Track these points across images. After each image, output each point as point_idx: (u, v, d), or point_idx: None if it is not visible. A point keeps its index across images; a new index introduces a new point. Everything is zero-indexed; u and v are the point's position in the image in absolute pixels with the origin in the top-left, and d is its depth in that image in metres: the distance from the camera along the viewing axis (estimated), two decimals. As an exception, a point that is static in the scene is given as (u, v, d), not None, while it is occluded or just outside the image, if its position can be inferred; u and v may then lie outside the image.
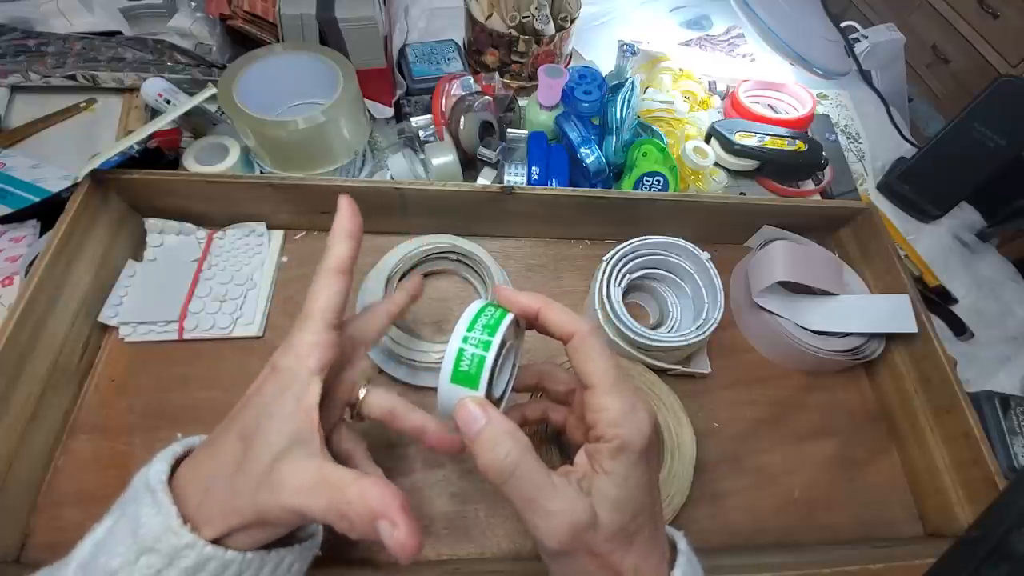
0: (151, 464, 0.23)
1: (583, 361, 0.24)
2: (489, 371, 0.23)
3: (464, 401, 0.23)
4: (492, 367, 0.23)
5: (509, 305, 0.26)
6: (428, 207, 0.48)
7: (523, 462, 0.21)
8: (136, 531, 0.21)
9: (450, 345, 0.24)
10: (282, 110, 0.56)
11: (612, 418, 0.23)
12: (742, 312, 0.51)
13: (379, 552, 0.36)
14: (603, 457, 0.23)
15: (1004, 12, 1.34)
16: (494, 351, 0.23)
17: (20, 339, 0.36)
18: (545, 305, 0.26)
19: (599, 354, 0.24)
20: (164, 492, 0.22)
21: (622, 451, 0.22)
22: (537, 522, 0.21)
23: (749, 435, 0.45)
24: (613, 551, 0.22)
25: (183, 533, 0.21)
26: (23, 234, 0.46)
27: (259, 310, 0.45)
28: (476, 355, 0.23)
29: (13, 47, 0.59)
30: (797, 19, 0.75)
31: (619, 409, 0.23)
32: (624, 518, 0.22)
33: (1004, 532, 0.31)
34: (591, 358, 0.24)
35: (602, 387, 0.23)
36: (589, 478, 0.23)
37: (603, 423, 0.23)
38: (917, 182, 0.66)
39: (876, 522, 0.43)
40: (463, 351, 0.24)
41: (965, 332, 0.58)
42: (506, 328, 0.24)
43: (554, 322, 0.25)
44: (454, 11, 0.69)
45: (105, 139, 0.56)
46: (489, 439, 0.22)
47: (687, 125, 0.66)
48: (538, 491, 0.21)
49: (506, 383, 0.27)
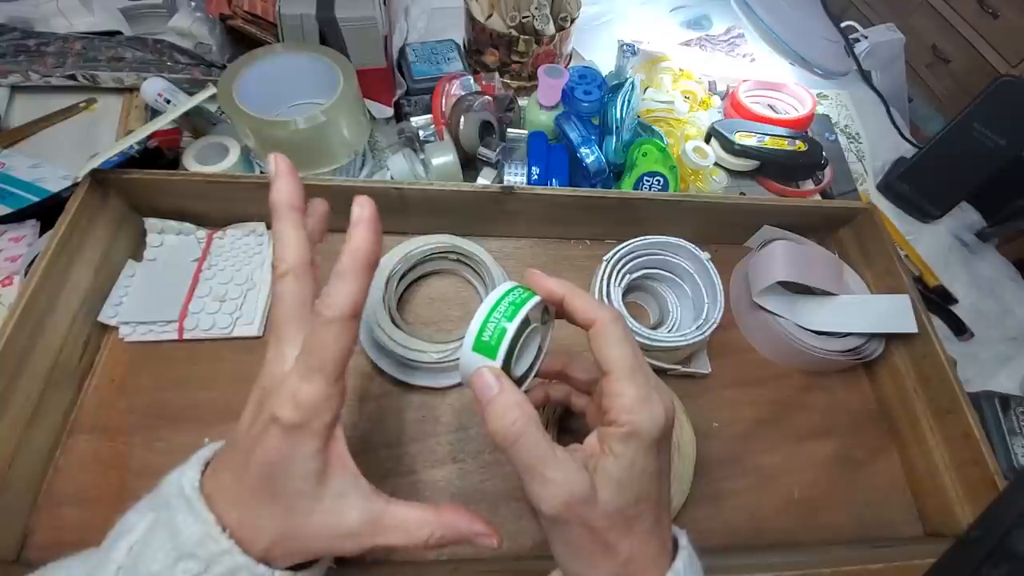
0: (183, 470, 0.23)
1: (602, 347, 0.25)
2: (508, 343, 0.24)
3: (481, 370, 0.24)
4: (512, 340, 0.24)
5: (537, 288, 0.27)
6: (428, 207, 0.48)
7: (528, 431, 0.23)
8: (175, 537, 0.21)
9: (476, 316, 0.25)
10: (282, 110, 0.56)
11: (626, 404, 0.23)
12: (742, 312, 0.51)
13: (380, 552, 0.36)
14: (613, 440, 0.23)
15: (1004, 12, 1.34)
16: (515, 325, 0.25)
17: (20, 339, 0.36)
18: (570, 292, 0.26)
19: (619, 341, 0.25)
20: (199, 500, 0.22)
21: (632, 437, 0.23)
22: (536, 488, 0.23)
23: (749, 435, 0.45)
24: (609, 529, 0.23)
25: (222, 540, 0.21)
26: (23, 234, 0.46)
27: (259, 310, 0.45)
28: (498, 328, 0.25)
29: (13, 47, 0.59)
30: (797, 19, 0.75)
31: (634, 396, 0.24)
32: (624, 501, 0.23)
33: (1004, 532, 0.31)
34: (611, 344, 0.25)
35: (619, 374, 0.24)
36: (596, 458, 0.24)
37: (617, 408, 0.24)
38: (917, 182, 0.66)
39: (876, 522, 0.43)
40: (487, 323, 0.25)
41: (965, 332, 0.58)
42: (531, 308, 0.25)
43: (577, 308, 0.26)
44: (454, 11, 0.69)
45: (105, 139, 0.56)
46: (500, 406, 0.23)
47: (687, 125, 0.66)
48: (539, 459, 0.23)
49: (530, 364, 0.28)
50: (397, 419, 0.42)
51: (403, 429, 0.42)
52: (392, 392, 0.43)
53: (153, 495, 0.24)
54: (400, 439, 0.41)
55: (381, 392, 0.43)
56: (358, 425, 0.41)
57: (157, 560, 0.21)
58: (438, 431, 0.42)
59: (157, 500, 0.24)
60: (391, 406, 0.43)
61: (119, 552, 0.22)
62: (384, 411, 0.43)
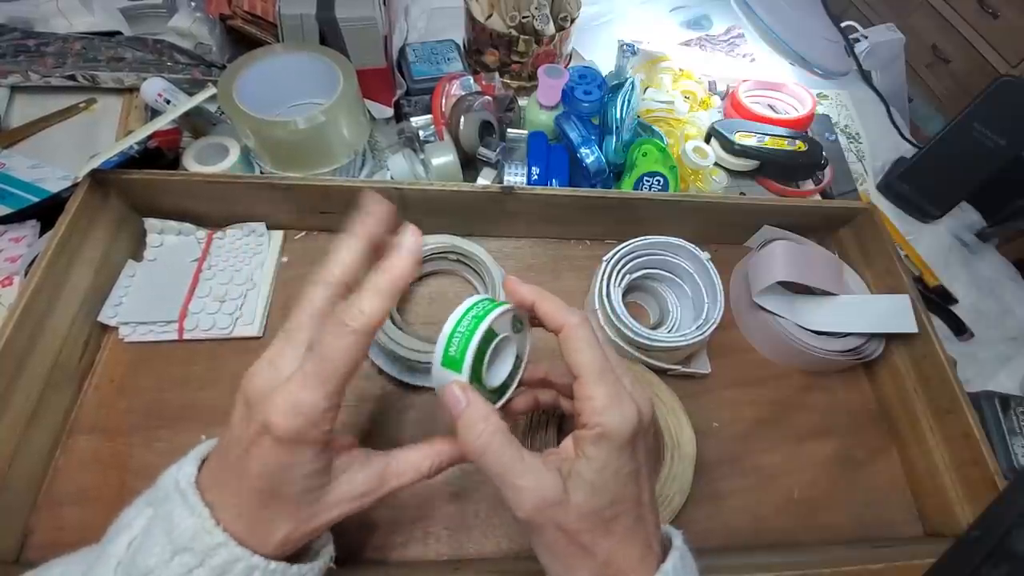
0: (180, 465, 0.24)
1: (570, 352, 0.25)
2: (473, 355, 0.25)
3: (449, 386, 0.25)
4: (476, 352, 0.25)
5: (509, 295, 0.27)
6: (428, 207, 0.48)
7: (494, 442, 0.23)
8: (170, 532, 0.22)
9: (442, 332, 0.26)
10: (282, 110, 0.56)
11: (596, 406, 0.24)
12: (742, 312, 0.51)
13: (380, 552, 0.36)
14: (586, 443, 0.24)
15: (1004, 12, 1.34)
16: (478, 338, 0.25)
17: (20, 339, 0.36)
18: (539, 297, 0.26)
19: (586, 344, 0.25)
20: (195, 494, 0.22)
21: (603, 438, 0.23)
22: (508, 495, 0.23)
23: (749, 435, 0.45)
24: (584, 531, 0.23)
25: (216, 533, 0.21)
26: (23, 234, 0.46)
27: (259, 310, 0.45)
28: (462, 341, 0.25)
29: (13, 47, 0.59)
30: (797, 19, 0.75)
31: (603, 398, 0.24)
32: (599, 502, 0.23)
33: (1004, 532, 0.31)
34: (578, 348, 0.25)
35: (588, 377, 0.24)
36: (570, 461, 0.24)
37: (588, 411, 0.24)
38: (917, 182, 0.66)
39: (876, 522, 0.43)
40: (452, 337, 0.25)
41: (965, 332, 0.58)
42: (493, 319, 0.25)
43: (546, 313, 0.26)
44: (454, 11, 0.69)
45: (105, 139, 0.56)
46: (467, 420, 0.24)
47: (687, 125, 0.66)
48: (507, 468, 0.23)
49: (508, 374, 0.28)
50: (397, 419, 0.42)
51: (403, 429, 0.42)
52: (392, 392, 0.43)
53: (151, 491, 0.24)
54: (400, 439, 0.41)
55: (381, 392, 0.43)
56: (358, 425, 0.41)
57: (154, 555, 0.21)
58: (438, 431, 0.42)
59: (155, 495, 0.24)
60: (391, 406, 0.43)
61: (118, 547, 0.22)
62: (384, 411, 0.43)
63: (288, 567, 0.23)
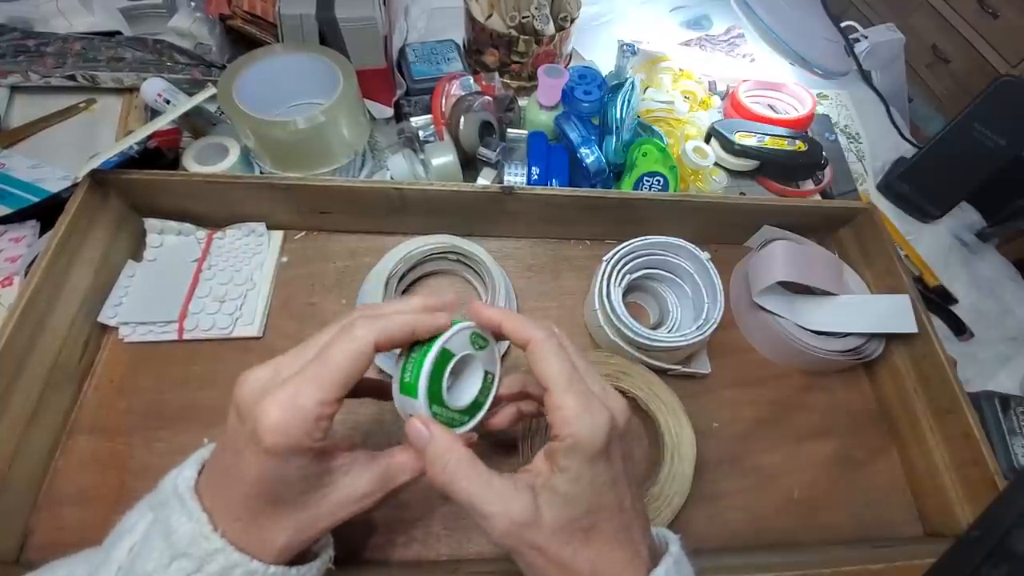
0: (180, 470, 0.24)
1: (538, 364, 0.25)
2: (427, 380, 0.25)
3: (411, 421, 0.25)
4: (431, 376, 0.25)
5: (474, 318, 0.28)
6: (428, 207, 0.48)
7: (459, 472, 0.24)
8: (168, 537, 0.22)
9: (396, 359, 0.27)
10: (282, 110, 0.56)
11: (567, 416, 0.24)
12: (742, 312, 0.51)
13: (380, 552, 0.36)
14: (559, 455, 0.24)
15: (1004, 12, 1.34)
16: (429, 361, 0.25)
17: (20, 339, 0.36)
18: (504, 317, 0.27)
19: (554, 356, 0.25)
20: (193, 499, 0.22)
21: (575, 448, 0.23)
22: (479, 521, 0.23)
23: (749, 435, 0.45)
24: (561, 546, 0.23)
25: (214, 538, 0.21)
26: (23, 234, 0.46)
27: (259, 310, 0.45)
28: (415, 367, 0.25)
29: (13, 47, 0.59)
30: (797, 19, 0.75)
31: (573, 407, 0.24)
32: (573, 513, 0.23)
33: (1004, 532, 0.31)
34: (545, 361, 0.25)
35: (557, 389, 0.24)
36: (544, 476, 0.24)
37: (559, 422, 0.24)
38: (917, 182, 0.66)
39: (876, 522, 0.43)
40: (406, 363, 0.26)
41: (965, 332, 0.58)
42: (446, 339, 0.26)
43: (512, 331, 0.26)
44: (454, 11, 0.69)
45: (105, 139, 0.56)
46: (431, 455, 0.24)
47: (687, 125, 0.65)
48: (474, 496, 0.23)
49: (480, 391, 0.29)
50: (397, 419, 0.42)
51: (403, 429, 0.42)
52: (392, 392, 0.43)
53: (153, 495, 0.24)
54: (400, 439, 0.41)
55: (381, 392, 0.43)
56: (358, 425, 0.41)
57: (152, 560, 0.21)
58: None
59: (156, 500, 0.24)
60: (391, 406, 0.43)
61: (120, 552, 0.22)
62: (384, 411, 0.42)
63: (287, 570, 0.23)
